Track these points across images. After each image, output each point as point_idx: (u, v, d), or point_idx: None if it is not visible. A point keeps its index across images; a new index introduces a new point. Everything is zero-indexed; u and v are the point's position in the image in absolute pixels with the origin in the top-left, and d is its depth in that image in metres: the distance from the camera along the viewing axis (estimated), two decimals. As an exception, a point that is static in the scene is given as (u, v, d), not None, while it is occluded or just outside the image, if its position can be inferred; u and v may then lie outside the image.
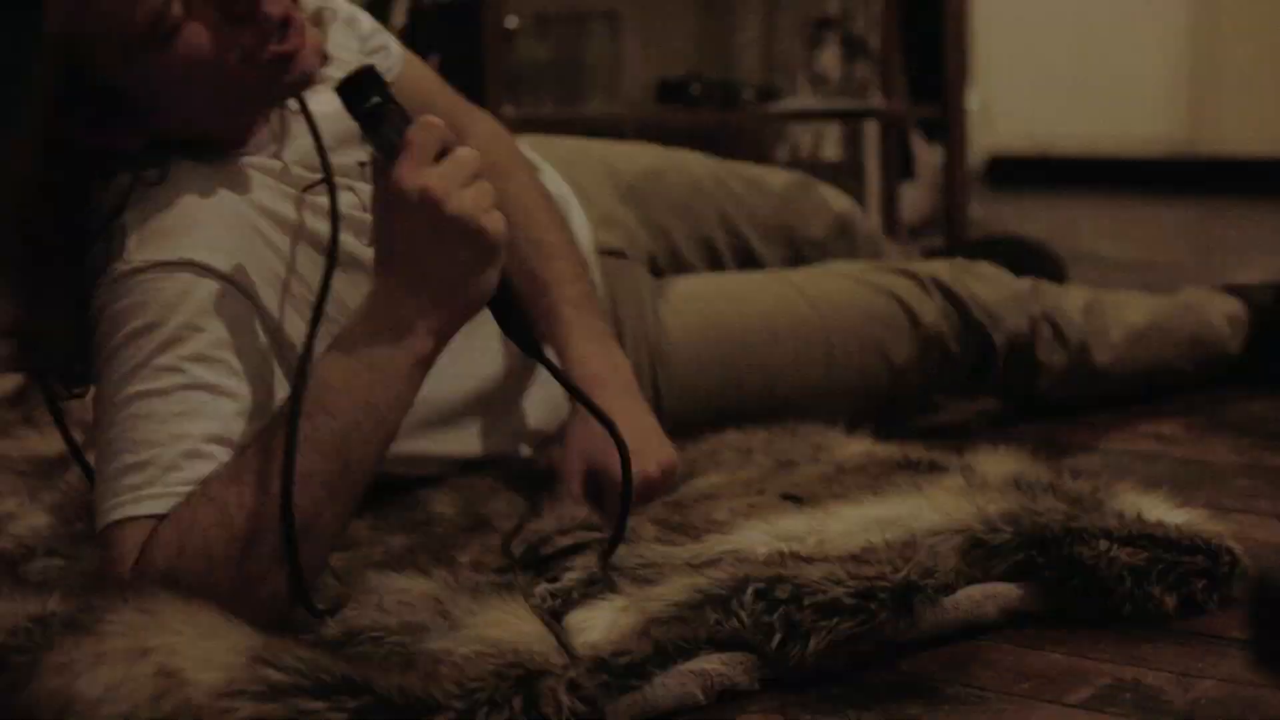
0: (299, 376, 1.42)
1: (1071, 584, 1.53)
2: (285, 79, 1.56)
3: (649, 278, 2.20)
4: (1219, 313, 2.51)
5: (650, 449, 1.79)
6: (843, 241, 2.58)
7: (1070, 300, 2.38)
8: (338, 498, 1.42)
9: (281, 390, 1.55)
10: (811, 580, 1.42)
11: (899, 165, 4.14)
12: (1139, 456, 2.16)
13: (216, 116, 1.60)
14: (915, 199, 4.49)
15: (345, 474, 1.42)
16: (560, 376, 1.61)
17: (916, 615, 1.45)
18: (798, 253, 2.51)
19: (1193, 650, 1.46)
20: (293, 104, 1.68)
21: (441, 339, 1.47)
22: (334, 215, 1.57)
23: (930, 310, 2.23)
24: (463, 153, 1.45)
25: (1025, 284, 2.35)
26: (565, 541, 1.64)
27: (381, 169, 1.45)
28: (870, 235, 2.68)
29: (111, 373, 1.49)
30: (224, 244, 1.56)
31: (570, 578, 1.51)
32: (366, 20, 1.91)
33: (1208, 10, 5.77)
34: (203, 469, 1.43)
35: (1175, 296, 2.53)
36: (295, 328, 1.60)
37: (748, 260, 2.47)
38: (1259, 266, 2.68)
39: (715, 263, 2.44)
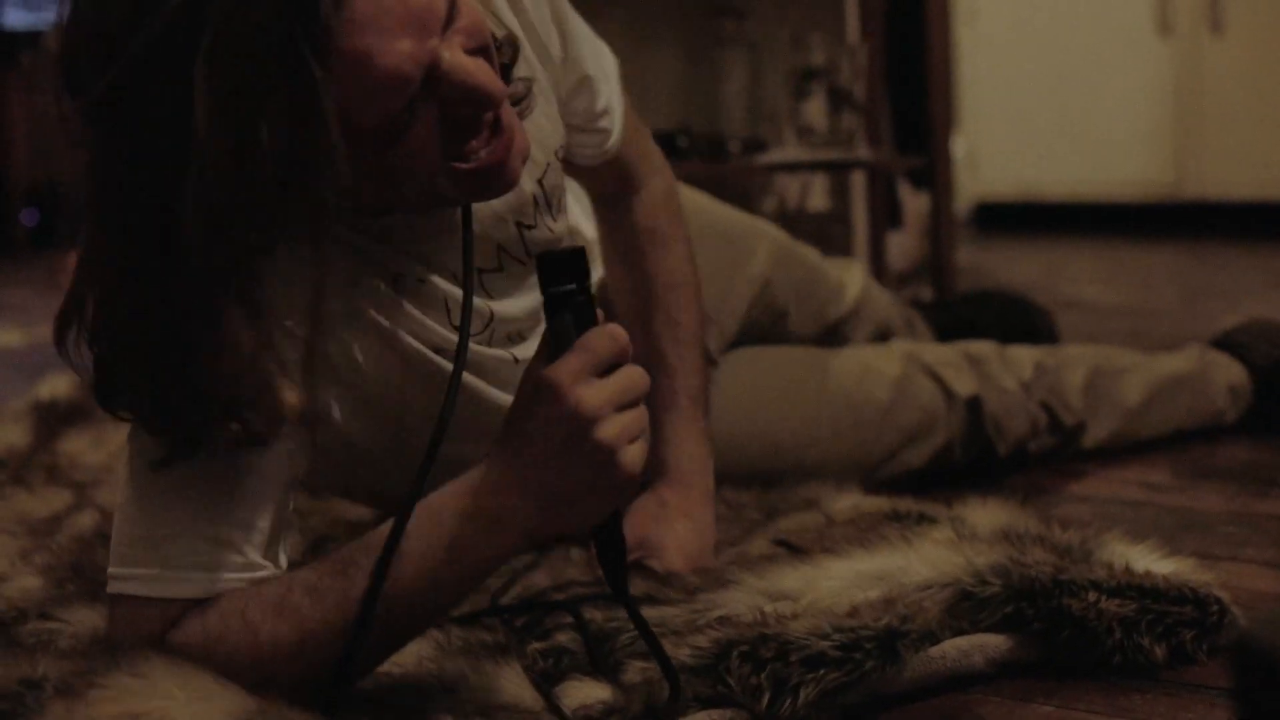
0: (388, 549, 1.35)
1: (1061, 636, 1.53)
2: (483, 190, 1.46)
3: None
4: (1222, 384, 2.54)
5: (703, 559, 1.80)
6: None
7: (1071, 378, 2.41)
8: (378, 652, 1.41)
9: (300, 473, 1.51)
10: (797, 635, 1.43)
11: (886, 214, 4.15)
12: (1127, 505, 2.16)
13: (406, 202, 1.49)
14: (903, 247, 4.51)
15: (389, 635, 1.40)
16: (636, 618, 1.43)
17: (903, 662, 1.46)
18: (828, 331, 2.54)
19: (1182, 700, 1.46)
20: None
21: (531, 543, 1.40)
22: (460, 349, 1.44)
23: (948, 427, 2.27)
24: (633, 375, 1.35)
25: (1029, 369, 2.38)
26: (559, 597, 1.65)
27: (546, 354, 1.36)
28: (892, 321, 2.69)
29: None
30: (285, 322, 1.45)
31: (560, 639, 1.52)
32: (606, 87, 1.82)
33: (1192, 54, 5.80)
34: (224, 556, 1.40)
35: (1178, 364, 2.54)
36: (349, 423, 1.57)
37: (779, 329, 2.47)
38: (1246, 310, 2.69)
39: (751, 330, 2.41)
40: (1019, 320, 2.88)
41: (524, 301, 1.72)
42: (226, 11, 1.20)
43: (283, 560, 1.46)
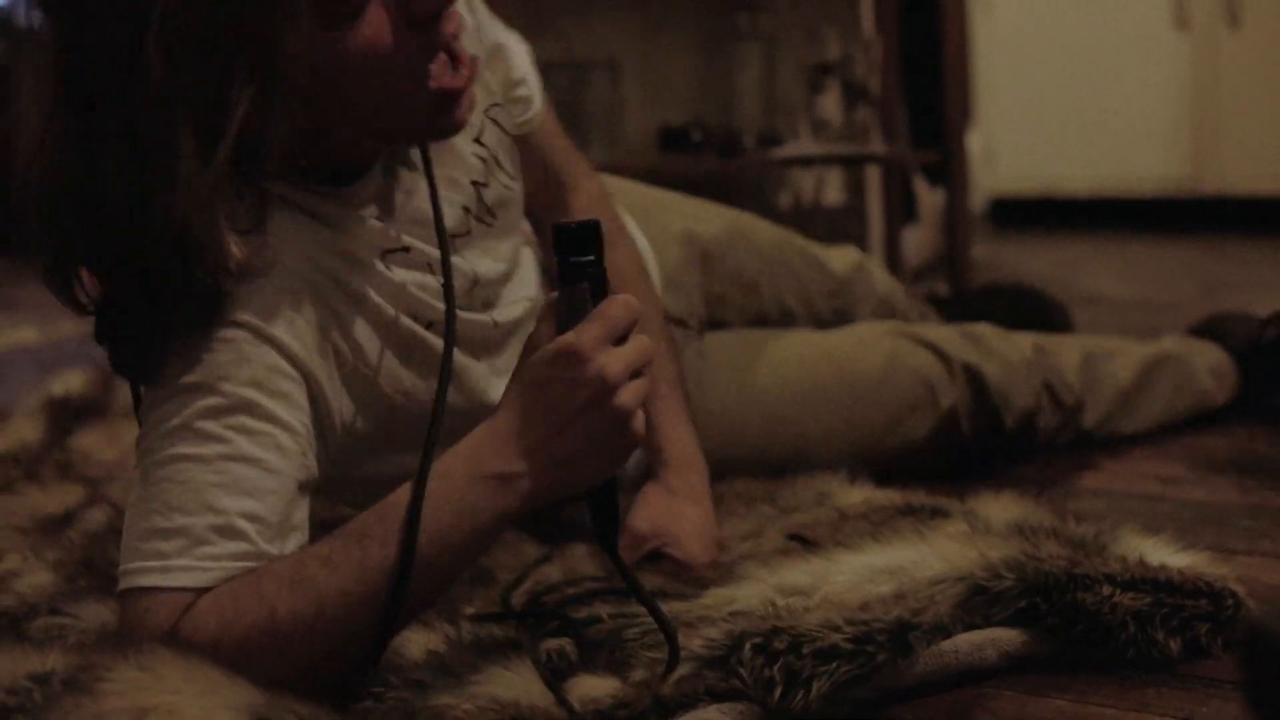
0: (412, 510, 1.38)
1: (1075, 630, 1.52)
2: (443, 119, 1.52)
3: (697, 346, 2.21)
4: (1203, 366, 2.58)
5: (710, 540, 1.83)
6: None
7: (1067, 359, 2.43)
8: (396, 625, 1.41)
9: (323, 469, 1.54)
10: (809, 627, 1.42)
11: (901, 209, 4.14)
12: (1142, 499, 2.15)
13: (365, 123, 1.52)
14: (918, 242, 4.50)
15: (406, 608, 1.39)
16: (625, 573, 1.48)
17: (915, 654, 1.45)
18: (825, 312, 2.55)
19: (1197, 694, 1.45)
20: (416, 159, 1.65)
21: (538, 502, 1.42)
22: (449, 310, 1.53)
23: (951, 394, 2.27)
24: (644, 343, 1.41)
25: (1028, 348, 2.39)
26: (573, 592, 1.64)
27: (563, 320, 1.40)
28: (904, 313, 2.69)
29: (155, 424, 1.46)
30: (286, 310, 1.50)
31: (570, 634, 1.51)
32: (521, 60, 1.88)
33: (1209, 48, 5.78)
34: (234, 546, 1.41)
35: (1163, 346, 2.58)
36: (344, 404, 1.58)
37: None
38: (1264, 304, 2.68)
39: (741, 313, 2.44)
40: (1034, 313, 2.87)
41: (498, 265, 1.78)
42: None
43: None
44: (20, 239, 1.44)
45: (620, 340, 1.40)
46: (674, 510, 1.84)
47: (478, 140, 1.74)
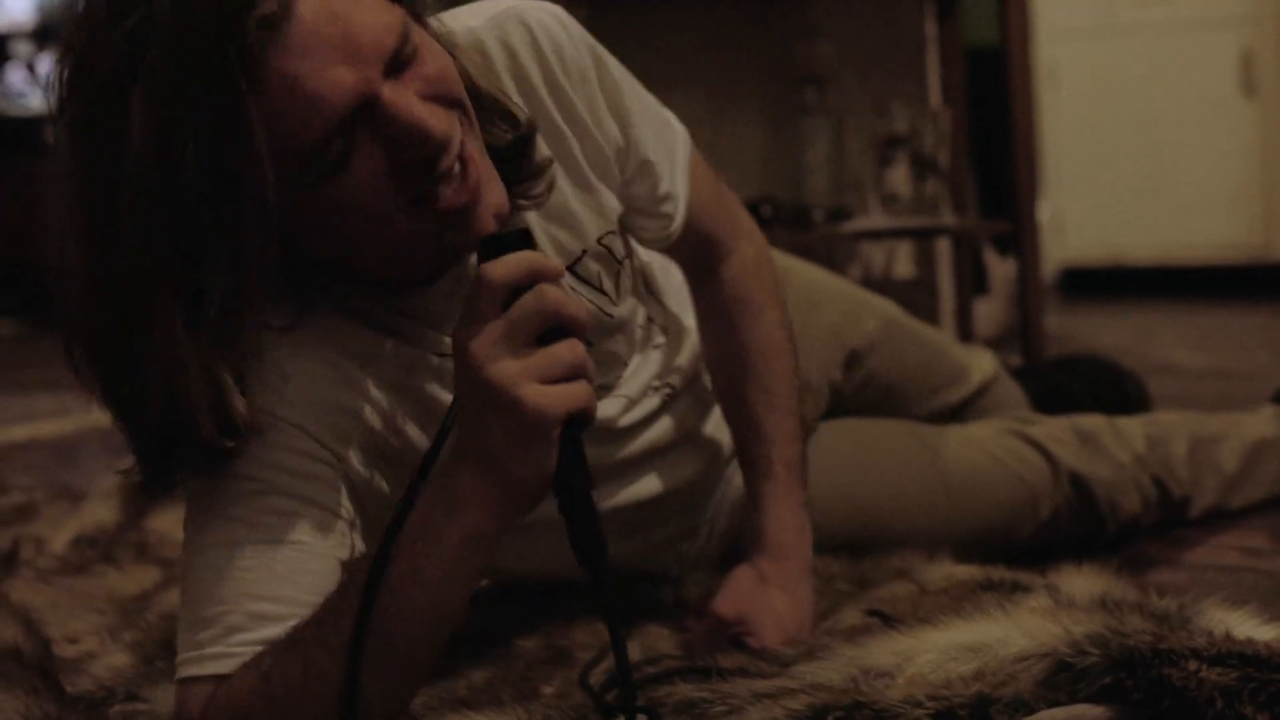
0: (380, 553, 1.37)
1: (1161, 706, 1.50)
2: (445, 239, 1.46)
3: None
4: None
5: (800, 631, 1.77)
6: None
7: (1176, 450, 2.38)
8: (384, 674, 1.38)
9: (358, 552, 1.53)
10: (891, 703, 1.41)
11: (972, 280, 4.13)
12: (1225, 570, 2.13)
13: (375, 263, 1.51)
14: (990, 313, 4.49)
15: (389, 649, 1.38)
16: (604, 593, 1.42)
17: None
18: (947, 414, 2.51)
19: (1287, 771, 1.43)
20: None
21: (499, 517, 1.39)
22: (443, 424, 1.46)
23: (1054, 501, 2.23)
24: (564, 349, 1.36)
25: (1140, 443, 2.34)
26: (652, 671, 1.63)
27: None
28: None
29: (192, 515, 1.48)
30: (324, 403, 1.50)
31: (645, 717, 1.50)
32: (669, 178, 1.81)
33: (1278, 114, 5.76)
34: (268, 630, 1.41)
35: (1262, 428, 2.52)
36: (388, 491, 1.56)
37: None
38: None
39: (858, 403, 2.41)
40: (1110, 386, 2.84)
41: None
42: (168, 29, 1.28)
43: None
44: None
45: (549, 338, 1.36)
46: (761, 597, 1.77)
47: (573, 270, 1.71)
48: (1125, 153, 6.09)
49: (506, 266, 1.36)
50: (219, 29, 1.27)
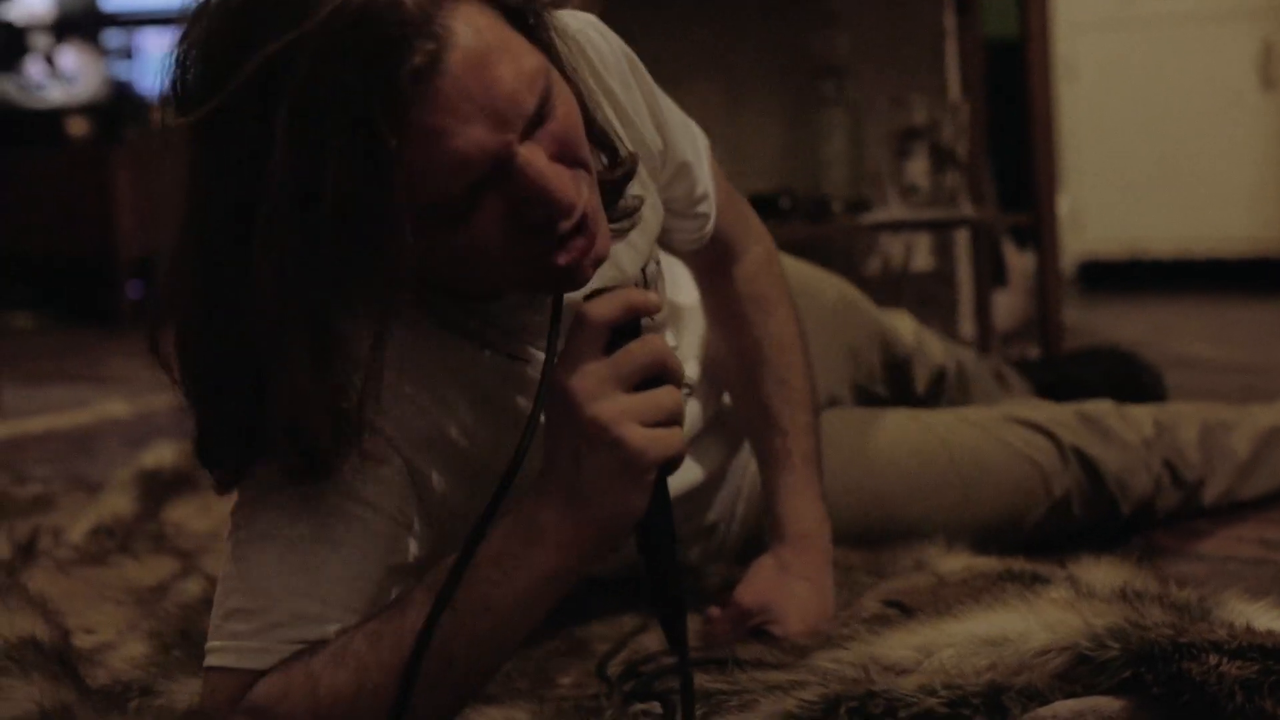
0: (452, 575, 1.36)
1: (1180, 700, 1.49)
2: (565, 284, 1.44)
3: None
4: None
5: (822, 620, 1.79)
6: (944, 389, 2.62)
7: (1186, 435, 2.38)
8: (438, 695, 1.39)
9: (414, 557, 1.52)
10: (905, 692, 1.41)
11: (991, 273, 4.12)
12: (1245, 562, 2.12)
13: (474, 289, 1.52)
14: (1008, 306, 4.48)
15: (448, 672, 1.38)
16: (672, 628, 1.46)
17: (1010, 718, 1.43)
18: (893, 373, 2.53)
19: (1308, 765, 1.42)
20: None
21: (579, 557, 1.40)
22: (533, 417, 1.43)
23: (1064, 481, 2.22)
24: (662, 395, 1.39)
25: (1148, 426, 2.34)
26: (670, 662, 1.63)
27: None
28: (976, 376, 2.67)
29: (247, 499, 1.46)
30: (399, 401, 1.49)
31: (659, 704, 1.50)
32: (703, 179, 1.83)
33: (1298, 108, 5.74)
34: (309, 631, 1.41)
35: (1275, 416, 2.52)
36: (456, 490, 1.56)
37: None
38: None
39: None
40: (1126, 377, 2.84)
41: None
42: (314, 64, 1.24)
43: None
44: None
45: (647, 384, 1.38)
46: (783, 586, 1.80)
47: (643, 270, 1.72)
48: (1144, 145, 6.07)
49: (607, 306, 1.40)
50: (370, 76, 1.25)
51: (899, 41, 3.91)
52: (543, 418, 1.41)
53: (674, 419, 1.39)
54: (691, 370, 1.94)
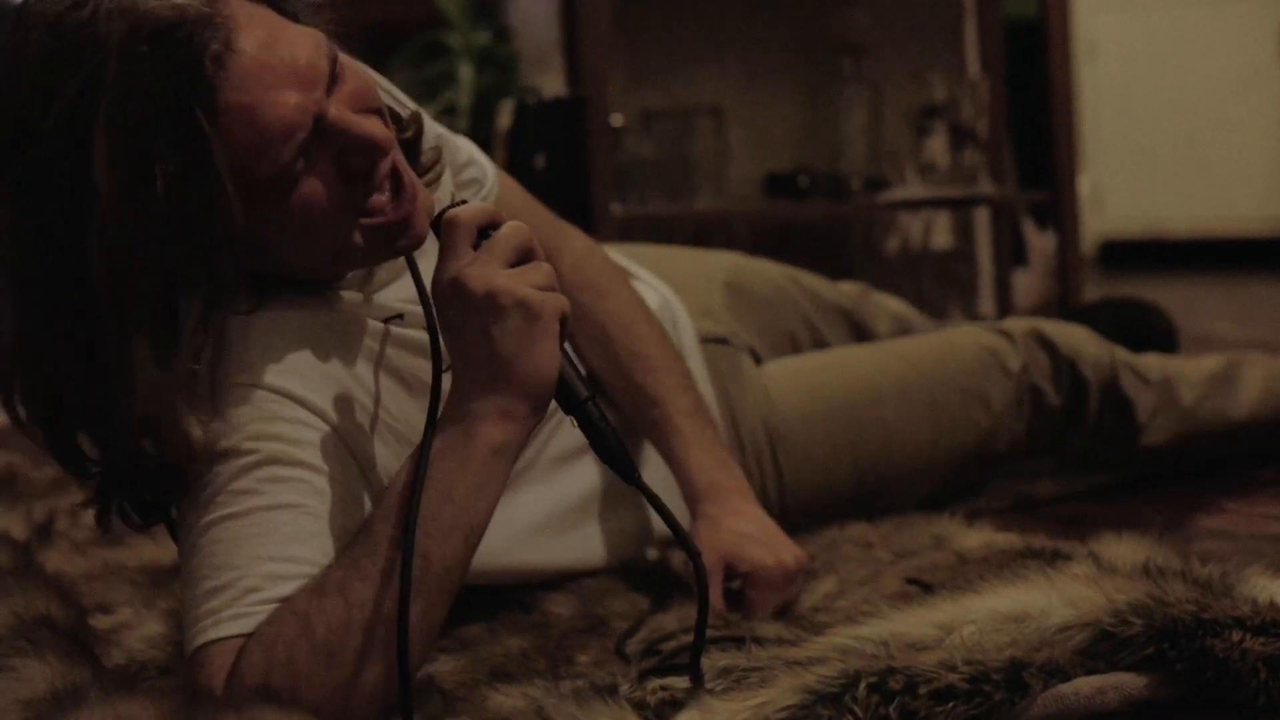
0: (412, 487, 1.41)
1: (1203, 676, 1.48)
2: (397, 245, 1.56)
3: (751, 361, 2.23)
4: None
5: (780, 543, 1.84)
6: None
7: (1145, 359, 2.42)
8: (423, 598, 1.41)
9: (364, 509, 1.55)
10: (925, 668, 1.40)
11: (1011, 252, 4.11)
12: (1267, 539, 2.11)
13: (318, 267, 1.60)
14: (1028, 285, 4.46)
15: (428, 569, 1.41)
16: (653, 500, 1.54)
17: (1032, 694, 1.42)
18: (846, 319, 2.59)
19: (1332, 741, 1.42)
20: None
21: (516, 424, 1.46)
22: (436, 354, 1.52)
23: (1019, 356, 2.27)
24: (539, 267, 1.48)
25: (1102, 341, 2.39)
26: (689, 639, 1.62)
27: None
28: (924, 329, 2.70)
29: (192, 498, 1.49)
30: (304, 370, 1.55)
31: (678, 681, 1.49)
32: (463, 146, 1.92)
33: (1319, 87, 5.73)
34: (283, 589, 1.42)
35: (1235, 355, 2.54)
36: (379, 453, 1.61)
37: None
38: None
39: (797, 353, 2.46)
40: (1136, 323, 2.85)
41: None
42: (120, 80, 1.36)
43: None
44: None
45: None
46: (724, 533, 1.84)
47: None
48: (1164, 125, 6.06)
49: (471, 212, 1.48)
50: (176, 72, 1.37)
51: (918, 19, 3.91)
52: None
53: (553, 283, 1.47)
54: None
